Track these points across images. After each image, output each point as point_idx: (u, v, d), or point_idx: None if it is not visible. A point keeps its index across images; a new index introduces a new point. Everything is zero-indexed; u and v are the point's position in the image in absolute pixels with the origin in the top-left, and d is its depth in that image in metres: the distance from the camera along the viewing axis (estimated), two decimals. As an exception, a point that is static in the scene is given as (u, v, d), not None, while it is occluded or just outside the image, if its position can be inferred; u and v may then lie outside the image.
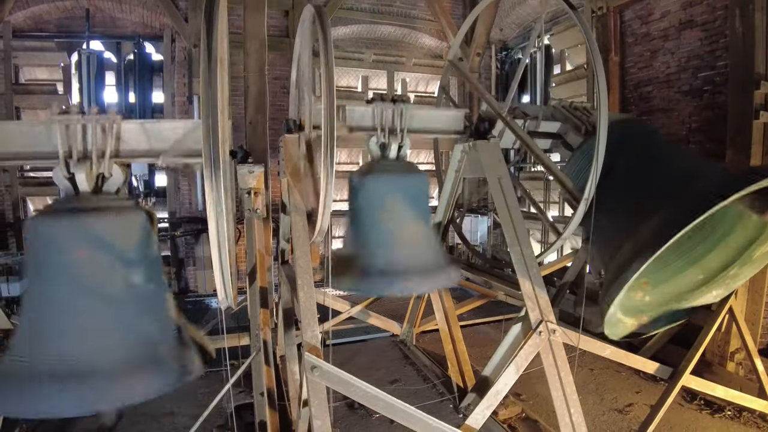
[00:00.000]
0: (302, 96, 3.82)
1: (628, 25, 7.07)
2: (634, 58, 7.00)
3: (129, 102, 9.46)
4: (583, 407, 3.55)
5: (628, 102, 7.10)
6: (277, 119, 5.15)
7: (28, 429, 4.63)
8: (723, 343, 5.40)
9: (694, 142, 6.03)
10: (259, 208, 3.72)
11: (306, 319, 3.02)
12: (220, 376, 3.54)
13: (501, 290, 7.14)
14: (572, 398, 3.48)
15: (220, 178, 2.27)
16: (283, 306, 4.46)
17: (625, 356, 4.33)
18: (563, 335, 3.66)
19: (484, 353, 6.22)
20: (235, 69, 6.24)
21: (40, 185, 9.09)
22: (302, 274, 3.20)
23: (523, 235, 3.91)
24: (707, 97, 5.86)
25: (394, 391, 4.61)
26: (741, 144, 5.24)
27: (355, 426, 4.80)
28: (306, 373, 2.86)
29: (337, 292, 9.38)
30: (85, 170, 2.90)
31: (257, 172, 3.64)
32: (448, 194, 5.29)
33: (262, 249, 3.73)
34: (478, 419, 3.61)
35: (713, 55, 5.76)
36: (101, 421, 4.81)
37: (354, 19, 10.69)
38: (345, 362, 6.28)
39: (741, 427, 4.72)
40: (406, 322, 6.98)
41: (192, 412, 4.96)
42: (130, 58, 9.53)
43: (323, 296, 5.48)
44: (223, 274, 2.49)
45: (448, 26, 10.99)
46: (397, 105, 3.96)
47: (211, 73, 2.23)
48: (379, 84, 11.76)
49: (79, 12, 9.16)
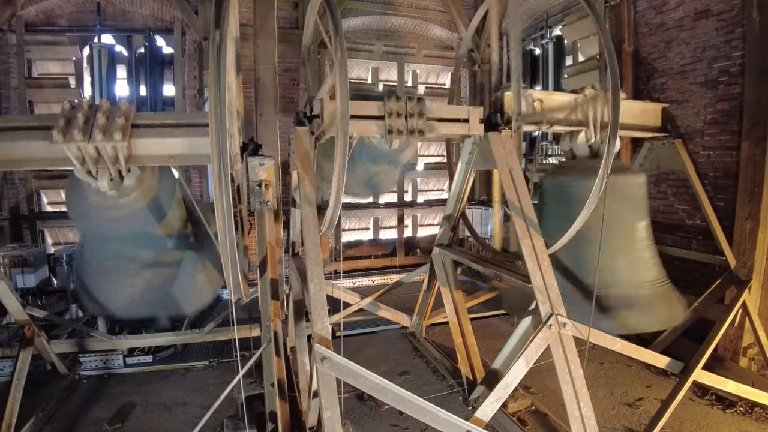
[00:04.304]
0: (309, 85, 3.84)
1: (642, 15, 6.95)
2: (648, 48, 6.89)
3: (140, 95, 9.50)
4: (593, 401, 3.54)
5: (641, 93, 7.00)
6: (288, 111, 5.15)
7: (44, 417, 4.72)
8: (736, 338, 5.34)
9: (709, 134, 5.93)
10: (270, 200, 3.73)
11: (316, 311, 3.04)
12: (231, 367, 3.58)
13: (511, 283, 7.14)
14: (582, 392, 3.47)
15: (228, 173, 2.28)
16: (294, 298, 4.49)
17: (635, 350, 4.30)
18: (573, 329, 3.65)
19: (494, 346, 6.23)
20: (245, 61, 6.24)
21: (53, 178, 9.19)
22: (312, 266, 3.21)
23: (534, 228, 3.89)
24: (723, 88, 5.76)
25: (403, 383, 4.62)
26: (757, 136, 5.15)
27: (364, 417, 4.83)
28: (316, 364, 2.88)
29: (348, 283, 9.45)
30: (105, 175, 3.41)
31: (268, 164, 3.65)
32: (459, 187, 5.27)
33: (272, 241, 3.75)
34: (488, 411, 3.62)
35: (729, 45, 5.64)
36: (116, 409, 4.90)
37: (364, 11, 10.62)
38: (355, 354, 6.32)
39: (753, 423, 4.67)
40: (415, 315, 6.99)
41: (203, 402, 5.03)
42: (141, 51, 9.56)
43: (333, 288, 5.51)
44: (232, 267, 2.51)
45: (459, 17, 10.89)
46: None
47: (220, 68, 2.23)
48: (390, 76, 11.69)
49: (91, 6, 9.21)
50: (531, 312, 3.81)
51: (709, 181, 5.83)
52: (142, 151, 3.44)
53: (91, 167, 3.38)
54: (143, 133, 3.43)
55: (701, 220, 5.90)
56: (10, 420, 4.21)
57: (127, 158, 3.40)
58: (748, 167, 5.26)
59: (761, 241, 5.15)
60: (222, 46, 2.26)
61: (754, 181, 5.18)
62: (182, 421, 4.79)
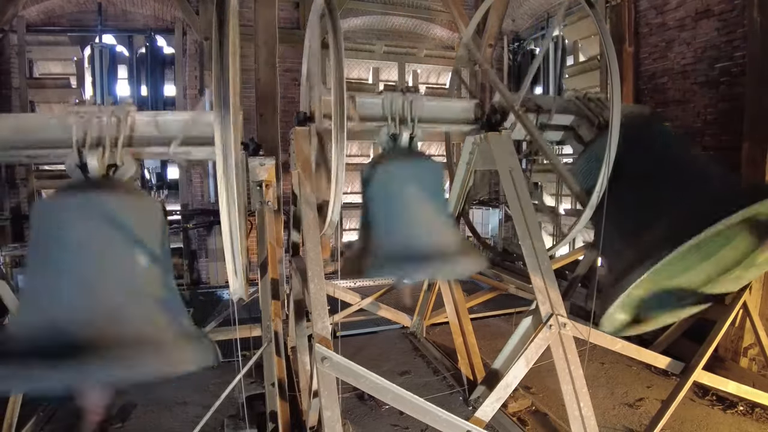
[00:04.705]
0: (312, 85, 3.83)
1: (643, 15, 6.95)
2: (649, 48, 6.88)
3: (141, 95, 9.52)
4: (593, 401, 3.54)
5: (642, 93, 6.99)
6: (289, 111, 5.16)
7: (45, 416, 4.73)
8: (736, 339, 5.34)
9: (709, 134, 5.93)
10: (271, 200, 3.73)
11: (316, 311, 3.04)
12: (232, 367, 3.58)
13: (512, 283, 7.13)
14: (582, 392, 3.47)
15: (232, 170, 2.28)
16: (294, 298, 4.49)
17: (636, 351, 4.30)
18: (574, 329, 3.65)
19: (494, 346, 6.22)
20: (246, 61, 6.25)
21: (54, 178, 9.20)
22: (313, 266, 3.22)
23: (534, 228, 3.89)
24: (724, 89, 5.75)
25: (403, 382, 4.62)
26: (758, 137, 5.14)
27: (364, 417, 4.84)
28: (316, 364, 2.88)
29: (349, 283, 9.44)
30: (97, 157, 2.93)
31: (268, 164, 3.66)
32: (459, 187, 5.27)
33: (273, 241, 3.75)
34: (488, 412, 3.61)
35: (730, 45, 5.64)
36: (115, 408, 4.90)
37: (365, 11, 10.63)
38: (355, 354, 6.32)
39: (754, 424, 4.67)
40: (416, 315, 7.00)
41: (204, 402, 5.03)
42: (142, 51, 9.58)
43: (333, 288, 5.50)
44: (236, 265, 2.51)
45: (460, 17, 10.89)
46: (407, 95, 3.95)
47: (223, 66, 2.23)
48: (390, 76, 11.70)
49: (92, 6, 9.23)
50: (531, 312, 3.81)
51: (710, 182, 5.82)
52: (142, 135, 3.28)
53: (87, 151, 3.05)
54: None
55: (702, 221, 5.89)
56: (12, 420, 4.21)
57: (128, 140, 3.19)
58: (749, 168, 5.25)
59: (762, 242, 5.15)
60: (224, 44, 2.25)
61: (755, 181, 5.17)
62: (183, 420, 4.79)
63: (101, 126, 3.01)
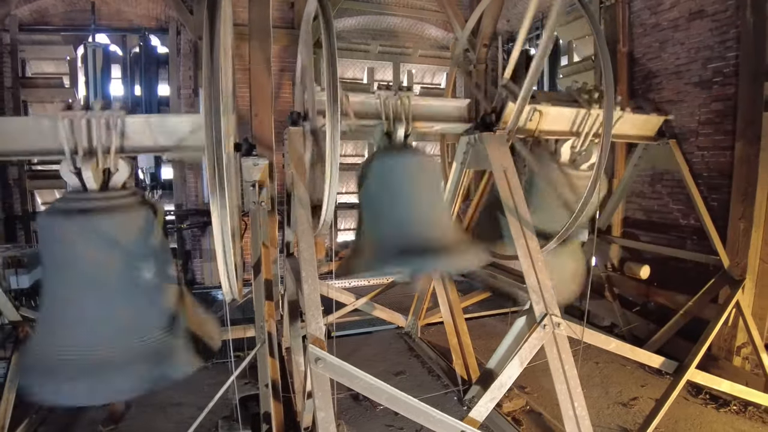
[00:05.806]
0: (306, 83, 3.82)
1: (637, 15, 6.96)
2: (643, 49, 6.90)
3: (135, 95, 9.45)
4: (588, 400, 3.55)
5: (636, 93, 7.01)
6: (283, 111, 5.14)
7: (38, 419, 4.70)
8: (729, 338, 5.36)
9: (703, 134, 5.95)
10: (264, 200, 3.72)
11: (310, 311, 3.04)
12: (226, 368, 3.56)
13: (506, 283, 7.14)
14: (576, 391, 3.48)
15: (223, 173, 2.27)
16: (289, 298, 4.48)
17: (630, 350, 4.31)
18: (568, 329, 3.66)
19: (489, 346, 6.24)
20: (240, 61, 6.23)
21: (48, 178, 9.13)
22: (306, 266, 3.21)
23: (528, 228, 3.89)
24: (717, 89, 5.77)
25: (398, 383, 4.63)
26: (751, 136, 5.17)
27: (359, 417, 4.83)
28: (310, 365, 2.87)
29: (343, 284, 9.41)
30: (92, 167, 2.96)
31: (262, 164, 3.64)
32: (454, 186, 5.27)
33: (267, 241, 3.74)
34: (482, 411, 3.62)
35: (724, 45, 5.66)
36: (108, 412, 4.87)
37: (360, 10, 10.60)
38: (350, 354, 6.31)
39: (746, 422, 4.70)
40: (411, 315, 6.99)
41: (198, 403, 5.00)
42: (135, 50, 9.51)
43: (328, 288, 5.49)
44: (228, 267, 2.50)
45: (455, 17, 10.89)
46: (400, 93, 3.96)
47: (214, 66, 2.22)
48: (385, 76, 11.69)
49: (85, 5, 9.15)
50: (525, 312, 3.82)
51: (703, 181, 5.85)
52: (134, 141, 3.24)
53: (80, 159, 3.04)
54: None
55: (695, 220, 5.92)
56: (4, 422, 4.18)
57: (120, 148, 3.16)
58: (742, 167, 5.28)
59: (755, 241, 5.17)
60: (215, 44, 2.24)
61: (748, 181, 5.20)
62: (177, 421, 4.77)
63: (92, 135, 3.00)
